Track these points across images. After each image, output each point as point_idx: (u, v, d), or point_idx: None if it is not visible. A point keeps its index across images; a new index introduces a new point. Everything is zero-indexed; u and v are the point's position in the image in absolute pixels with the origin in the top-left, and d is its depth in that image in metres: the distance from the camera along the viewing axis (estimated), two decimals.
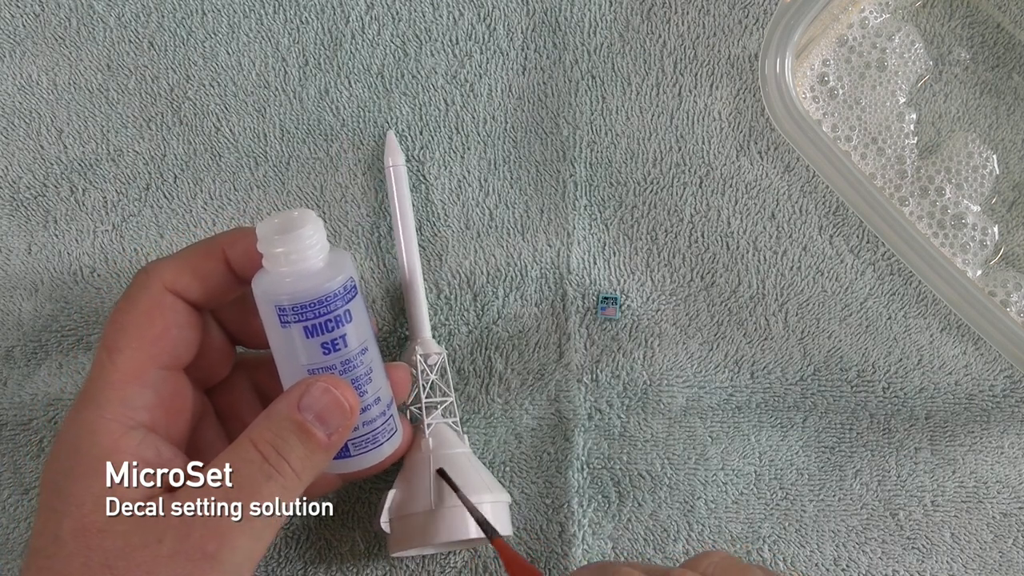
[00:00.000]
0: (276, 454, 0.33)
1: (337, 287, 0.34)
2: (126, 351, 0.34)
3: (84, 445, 0.33)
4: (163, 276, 0.35)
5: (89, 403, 0.33)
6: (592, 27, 0.46)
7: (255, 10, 0.46)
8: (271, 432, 0.34)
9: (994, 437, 0.45)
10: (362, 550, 0.44)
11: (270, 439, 0.33)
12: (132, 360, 0.34)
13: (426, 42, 0.46)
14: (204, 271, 0.35)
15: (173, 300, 0.35)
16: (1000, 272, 0.45)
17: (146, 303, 0.34)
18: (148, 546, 0.31)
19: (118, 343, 0.34)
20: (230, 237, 0.36)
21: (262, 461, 0.33)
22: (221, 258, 0.35)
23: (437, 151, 0.46)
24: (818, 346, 0.45)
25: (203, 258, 0.35)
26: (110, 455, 0.32)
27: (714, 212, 0.46)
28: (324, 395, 0.34)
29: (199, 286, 0.35)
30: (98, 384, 0.33)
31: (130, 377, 0.34)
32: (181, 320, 0.35)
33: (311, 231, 0.34)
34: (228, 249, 0.35)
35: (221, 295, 0.36)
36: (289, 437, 0.34)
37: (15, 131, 0.46)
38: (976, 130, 0.46)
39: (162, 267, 0.35)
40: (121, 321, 0.34)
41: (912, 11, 0.47)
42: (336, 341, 0.34)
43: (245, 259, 0.35)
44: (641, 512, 0.44)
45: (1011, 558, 0.45)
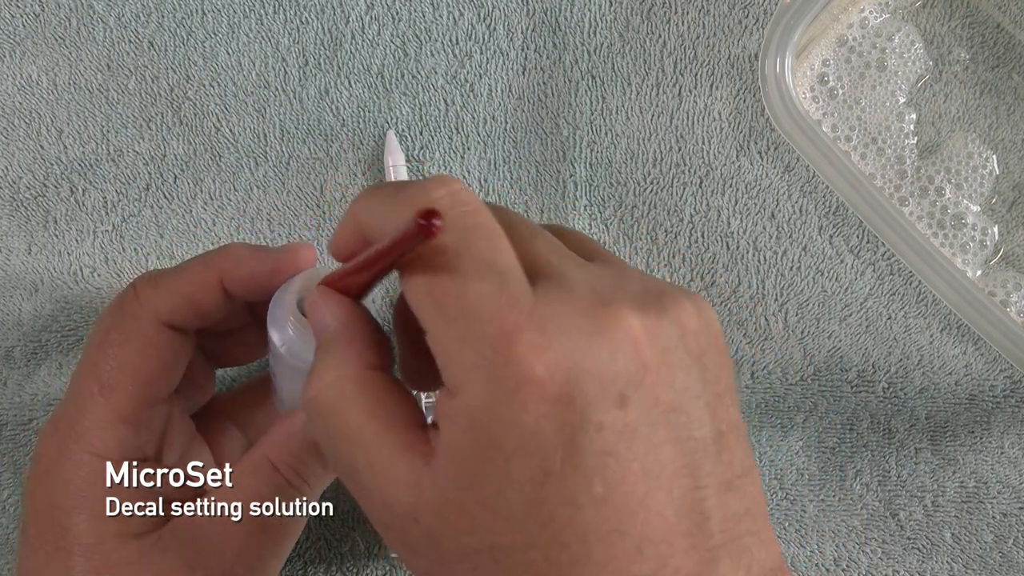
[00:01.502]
0: (298, 477, 0.33)
1: None
2: (119, 390, 0.32)
3: (85, 485, 0.32)
4: (158, 308, 0.33)
5: (80, 441, 0.32)
6: (592, 27, 0.46)
7: (255, 10, 0.46)
8: (290, 454, 0.33)
9: (995, 437, 0.45)
10: (362, 550, 0.44)
11: (290, 461, 0.33)
12: (127, 401, 0.32)
13: (426, 42, 0.46)
14: (199, 300, 0.33)
15: (169, 337, 0.33)
16: (1000, 272, 0.45)
17: (140, 340, 0.33)
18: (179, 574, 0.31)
19: (111, 380, 0.32)
20: (228, 263, 0.33)
21: (286, 485, 0.33)
22: (218, 287, 0.34)
23: (437, 151, 0.46)
24: (818, 346, 0.45)
25: (199, 287, 0.33)
26: (116, 493, 0.32)
27: (714, 212, 0.46)
28: None
29: (195, 316, 0.34)
30: (89, 419, 0.32)
31: (126, 417, 0.32)
32: (176, 356, 0.34)
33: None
34: (226, 277, 0.33)
35: (215, 320, 0.35)
36: (308, 458, 0.33)
37: (15, 131, 0.46)
38: (976, 130, 0.46)
39: (157, 298, 0.33)
40: (115, 355, 0.33)
41: (912, 11, 0.47)
42: None
43: (243, 287, 0.34)
44: None
45: (1012, 558, 0.45)
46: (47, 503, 0.32)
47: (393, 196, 0.26)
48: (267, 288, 0.33)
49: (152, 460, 0.34)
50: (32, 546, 0.32)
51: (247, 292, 0.34)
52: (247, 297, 0.34)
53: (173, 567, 0.31)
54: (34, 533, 0.32)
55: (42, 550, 0.32)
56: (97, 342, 0.33)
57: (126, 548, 0.31)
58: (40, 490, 0.33)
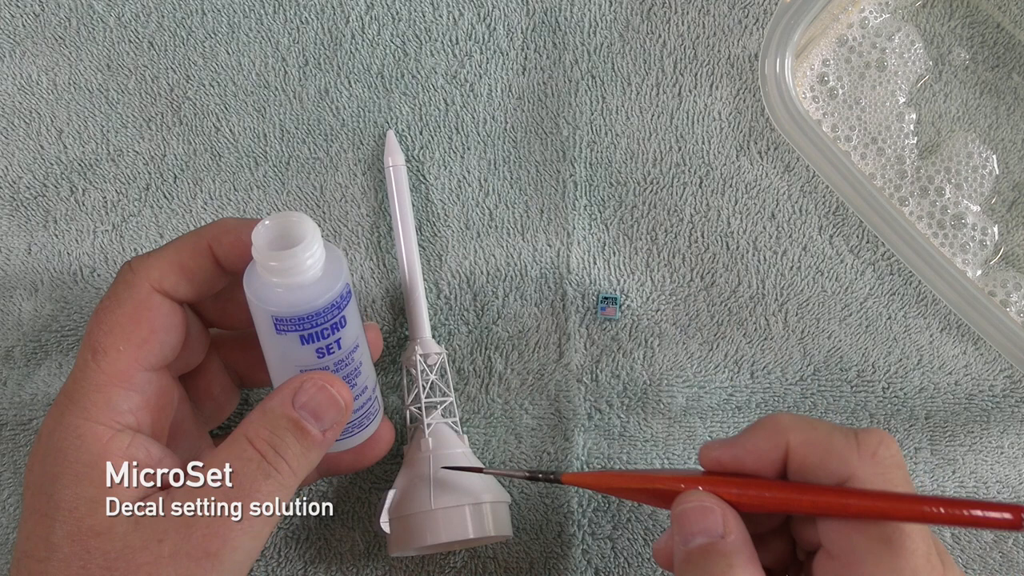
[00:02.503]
0: (274, 452, 0.33)
1: (335, 297, 0.33)
2: (111, 353, 0.33)
3: (71, 449, 0.32)
4: (150, 275, 0.34)
5: (72, 406, 0.33)
6: (592, 27, 0.46)
7: (255, 10, 0.46)
8: (267, 430, 0.33)
9: (994, 437, 0.45)
10: (362, 550, 0.44)
11: (267, 437, 0.33)
12: (117, 363, 0.33)
13: (426, 42, 0.46)
14: (191, 268, 0.35)
15: (160, 300, 0.34)
16: (1000, 272, 0.45)
17: (132, 304, 0.34)
18: (149, 547, 0.31)
19: (103, 344, 0.33)
20: (217, 231, 0.35)
21: (260, 460, 0.33)
22: (208, 254, 0.35)
23: (437, 151, 0.46)
24: (818, 346, 0.45)
25: (190, 255, 0.35)
26: (99, 459, 0.32)
27: (714, 212, 0.46)
28: (319, 392, 0.34)
29: (187, 284, 0.35)
30: (82, 386, 0.33)
31: (115, 380, 0.33)
32: (167, 321, 0.34)
33: (309, 243, 0.32)
34: (215, 244, 0.35)
35: (208, 290, 0.36)
36: (285, 435, 0.33)
37: (15, 131, 0.46)
38: (976, 130, 0.46)
39: (149, 265, 0.34)
40: (107, 321, 0.34)
41: (912, 11, 0.47)
42: (331, 346, 0.34)
43: (232, 253, 0.35)
44: (641, 512, 0.44)
45: (1012, 558, 0.45)
46: (41, 472, 0.33)
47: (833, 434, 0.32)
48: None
49: (146, 427, 0.34)
50: (24, 515, 0.33)
51: (237, 259, 0.35)
52: (237, 265, 0.35)
53: (144, 539, 0.31)
54: (27, 503, 0.33)
55: (31, 519, 0.32)
56: (95, 316, 0.34)
57: (98, 515, 0.32)
58: (35, 460, 0.33)
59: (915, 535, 0.30)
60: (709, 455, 0.34)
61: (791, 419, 0.33)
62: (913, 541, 0.30)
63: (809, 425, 0.33)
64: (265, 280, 0.33)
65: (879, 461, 0.31)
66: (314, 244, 0.32)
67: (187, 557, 0.31)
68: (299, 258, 0.32)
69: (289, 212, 0.33)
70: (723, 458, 0.34)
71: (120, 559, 0.31)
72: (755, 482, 0.33)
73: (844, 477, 0.31)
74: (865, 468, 0.31)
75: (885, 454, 0.31)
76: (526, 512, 0.44)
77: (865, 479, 0.31)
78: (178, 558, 0.31)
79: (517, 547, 0.44)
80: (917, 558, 0.30)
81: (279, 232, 0.33)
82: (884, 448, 0.31)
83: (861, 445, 0.31)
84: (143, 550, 0.31)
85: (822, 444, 0.32)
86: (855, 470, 0.31)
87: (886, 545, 0.30)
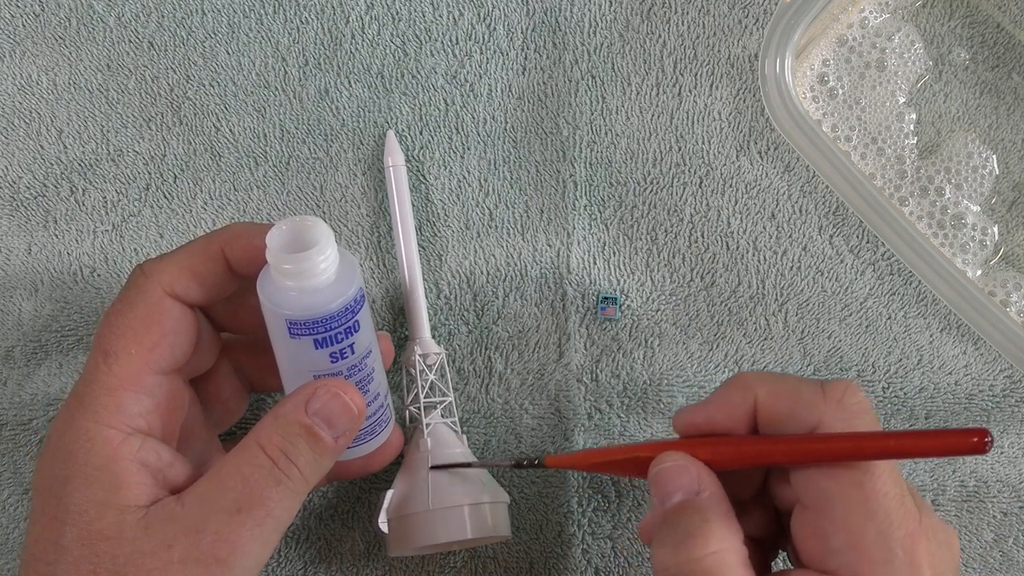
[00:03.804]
0: (285, 459, 0.33)
1: (349, 301, 0.33)
2: (122, 356, 0.33)
3: (81, 452, 0.32)
4: (161, 279, 0.34)
5: (83, 409, 0.33)
6: (592, 27, 0.46)
7: (255, 10, 0.46)
8: (279, 435, 0.33)
9: (994, 437, 0.45)
10: (362, 550, 0.44)
11: (279, 443, 0.33)
12: (128, 366, 0.33)
13: (426, 42, 0.46)
14: (203, 272, 0.35)
15: (171, 304, 0.34)
16: (1000, 272, 0.45)
17: (144, 307, 0.34)
18: (158, 552, 0.31)
19: (114, 347, 0.33)
20: (229, 235, 0.35)
21: (271, 466, 0.33)
22: (220, 258, 0.35)
23: (437, 151, 0.46)
24: (818, 346, 0.45)
25: (202, 259, 0.35)
26: (110, 463, 0.32)
27: (714, 212, 0.46)
28: (332, 399, 0.34)
29: (198, 288, 0.35)
30: (93, 389, 0.33)
31: (126, 383, 0.33)
32: (179, 325, 0.34)
33: (323, 246, 0.32)
34: (227, 248, 0.35)
35: (219, 294, 0.36)
36: (297, 441, 0.33)
37: (15, 131, 0.46)
38: (976, 130, 0.46)
39: (160, 269, 0.34)
40: (118, 325, 0.33)
41: (912, 11, 0.47)
42: (344, 351, 0.34)
43: (244, 257, 0.35)
44: (641, 512, 0.44)
45: (1012, 557, 0.45)
46: (50, 475, 0.33)
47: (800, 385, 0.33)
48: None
49: (156, 431, 0.34)
50: (33, 518, 0.33)
51: (249, 263, 0.35)
52: (249, 269, 0.35)
53: (153, 544, 0.31)
54: (36, 505, 0.33)
55: (40, 521, 0.32)
56: (105, 319, 0.34)
57: (107, 519, 0.31)
58: (44, 462, 0.33)
59: (886, 477, 0.31)
60: (683, 419, 0.35)
61: (758, 375, 0.34)
62: (885, 483, 0.31)
63: (776, 378, 0.34)
64: (279, 284, 0.33)
65: (845, 407, 0.32)
66: (328, 247, 0.32)
67: (197, 563, 0.31)
68: (313, 261, 0.32)
69: (304, 216, 0.33)
70: (696, 420, 0.35)
71: (129, 564, 0.31)
72: (728, 439, 0.34)
73: (812, 425, 0.32)
74: (832, 415, 0.32)
75: (851, 400, 0.32)
76: (526, 512, 0.44)
77: (832, 425, 0.32)
78: (188, 563, 0.31)
79: (517, 547, 0.44)
80: (890, 500, 0.31)
81: (293, 236, 0.33)
82: (850, 395, 0.32)
83: (827, 393, 0.32)
84: (152, 555, 0.31)
85: (789, 395, 0.33)
86: (822, 416, 0.32)
87: (858, 488, 0.31)
